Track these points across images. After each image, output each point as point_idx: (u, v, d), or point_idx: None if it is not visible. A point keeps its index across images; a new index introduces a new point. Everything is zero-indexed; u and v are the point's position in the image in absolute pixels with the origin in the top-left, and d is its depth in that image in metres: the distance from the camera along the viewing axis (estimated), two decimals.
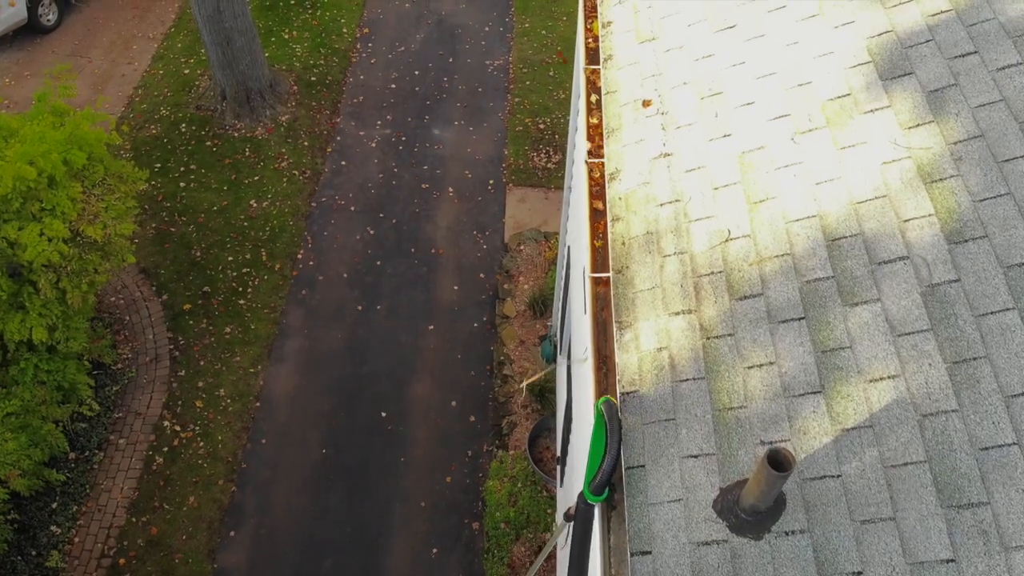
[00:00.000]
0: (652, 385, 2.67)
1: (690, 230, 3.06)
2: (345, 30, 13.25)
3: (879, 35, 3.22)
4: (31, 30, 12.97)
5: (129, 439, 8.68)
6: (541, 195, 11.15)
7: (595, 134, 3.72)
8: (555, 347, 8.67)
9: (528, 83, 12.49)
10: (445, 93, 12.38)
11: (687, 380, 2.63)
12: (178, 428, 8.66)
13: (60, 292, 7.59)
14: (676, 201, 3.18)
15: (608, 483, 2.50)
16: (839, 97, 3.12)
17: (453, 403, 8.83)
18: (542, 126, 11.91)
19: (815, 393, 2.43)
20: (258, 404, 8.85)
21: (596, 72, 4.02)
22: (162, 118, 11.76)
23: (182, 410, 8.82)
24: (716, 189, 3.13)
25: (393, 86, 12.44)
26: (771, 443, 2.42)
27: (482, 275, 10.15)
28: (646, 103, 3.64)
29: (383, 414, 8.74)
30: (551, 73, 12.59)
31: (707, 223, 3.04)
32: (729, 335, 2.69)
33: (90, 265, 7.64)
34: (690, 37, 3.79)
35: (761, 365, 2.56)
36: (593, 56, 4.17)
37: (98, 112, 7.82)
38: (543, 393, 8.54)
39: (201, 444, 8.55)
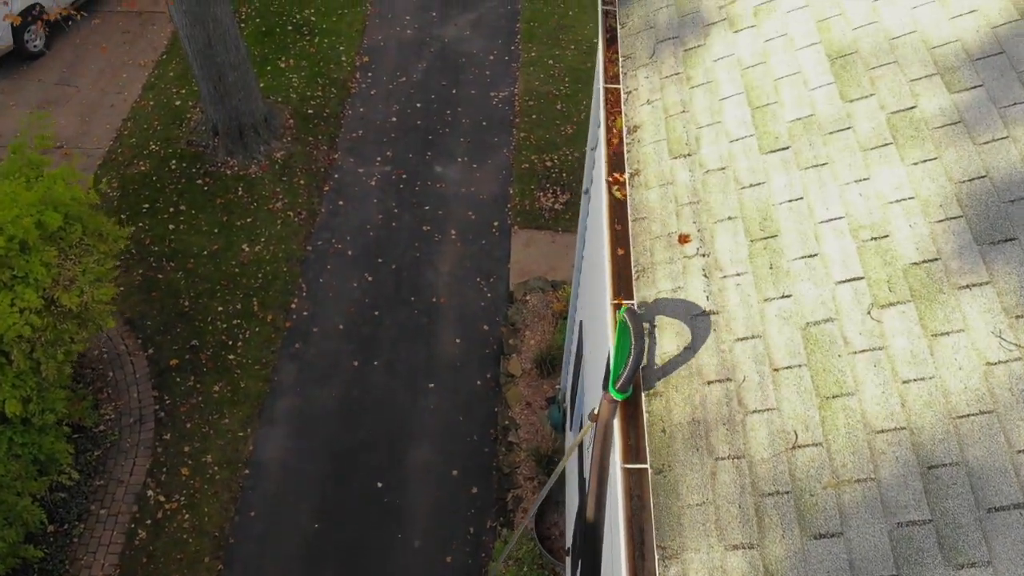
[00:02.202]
0: None
1: (746, 425, 2.54)
2: (344, 58, 12.72)
3: (970, 180, 2.69)
4: (17, 57, 12.45)
5: (111, 510, 8.15)
6: (548, 238, 10.63)
7: (621, 268, 3.20)
8: (564, 413, 8.15)
9: (535, 116, 11.97)
10: (448, 127, 11.86)
11: None
12: (162, 498, 8.14)
13: (34, 363, 7.07)
14: (727, 380, 2.66)
15: (632, 381, 2.77)
16: (925, 262, 2.59)
17: (454, 472, 8.31)
18: (549, 163, 11.39)
19: None
20: (247, 472, 8.33)
21: (621, 187, 3.50)
22: (151, 154, 11.24)
23: (167, 478, 8.30)
24: (776, 371, 2.60)
25: (394, 119, 11.92)
26: None
27: (486, 327, 9.63)
28: (684, 238, 3.12)
29: (379, 484, 8.22)
30: (559, 106, 12.07)
31: (767, 417, 2.52)
32: None
33: (66, 334, 7.13)
34: (735, 156, 3.27)
35: None
36: (616, 162, 3.65)
37: (75, 170, 7.29)
38: (550, 464, 8.02)
39: (186, 516, 8.03)
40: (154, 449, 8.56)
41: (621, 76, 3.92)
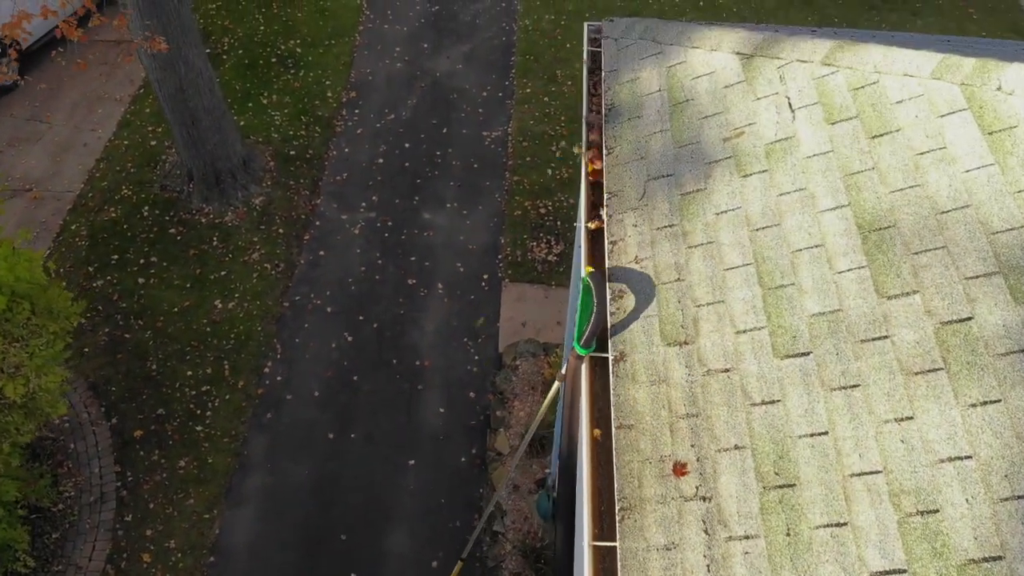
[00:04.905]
0: None
1: None
2: (330, 94, 12.11)
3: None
4: None
5: None
6: (540, 293, 10.02)
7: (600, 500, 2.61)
8: (554, 503, 7.55)
9: (528, 159, 11.35)
10: (437, 169, 11.25)
11: None
12: None
13: None
14: None
15: (595, 338, 2.94)
16: (986, 560, 1.99)
17: (434, 563, 7.71)
18: (543, 210, 10.78)
19: None
20: (212, 559, 7.73)
21: (603, 374, 2.90)
22: (123, 199, 10.64)
23: (127, 565, 7.71)
24: None
25: (380, 161, 11.31)
26: None
27: (472, 394, 9.02)
28: (679, 469, 2.52)
29: (353, 575, 7.62)
30: (553, 148, 11.45)
31: None
32: None
33: (11, 426, 6.55)
34: (742, 354, 2.66)
35: None
36: (599, 339, 3.05)
37: (21, 250, 6.69)
38: (539, 560, 7.42)
39: None
40: (115, 532, 7.97)
41: (606, 218, 3.32)
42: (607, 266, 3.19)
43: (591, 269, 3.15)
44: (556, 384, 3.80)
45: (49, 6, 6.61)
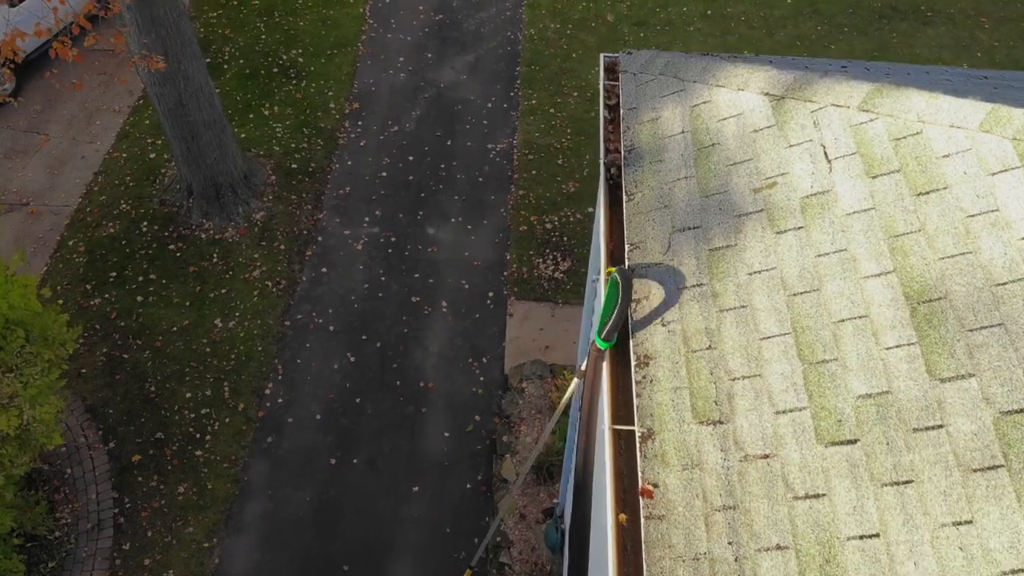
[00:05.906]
0: None
1: None
2: (332, 105, 11.91)
3: None
4: None
5: None
6: (547, 311, 9.82)
7: None
8: (562, 534, 7.35)
9: (534, 172, 11.15)
10: (442, 183, 11.05)
11: None
12: None
13: None
14: None
15: (616, 332, 2.92)
16: None
17: None
18: (549, 225, 10.57)
19: None
20: None
21: (628, 449, 2.70)
22: (122, 213, 10.45)
23: None
24: None
25: (384, 174, 11.11)
26: None
27: (478, 417, 8.82)
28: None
29: None
30: (560, 161, 11.25)
31: None
32: None
33: (5, 459, 6.36)
34: (782, 439, 2.45)
35: None
36: (622, 406, 2.86)
37: (16, 276, 6.50)
38: None
39: None
40: (112, 560, 7.78)
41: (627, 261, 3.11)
42: (632, 316, 3.00)
43: (619, 267, 3.13)
44: (575, 381, 3.82)
45: (43, 24, 6.40)
